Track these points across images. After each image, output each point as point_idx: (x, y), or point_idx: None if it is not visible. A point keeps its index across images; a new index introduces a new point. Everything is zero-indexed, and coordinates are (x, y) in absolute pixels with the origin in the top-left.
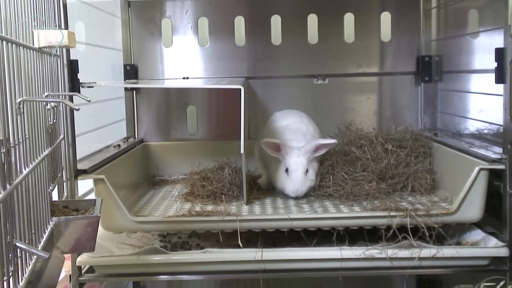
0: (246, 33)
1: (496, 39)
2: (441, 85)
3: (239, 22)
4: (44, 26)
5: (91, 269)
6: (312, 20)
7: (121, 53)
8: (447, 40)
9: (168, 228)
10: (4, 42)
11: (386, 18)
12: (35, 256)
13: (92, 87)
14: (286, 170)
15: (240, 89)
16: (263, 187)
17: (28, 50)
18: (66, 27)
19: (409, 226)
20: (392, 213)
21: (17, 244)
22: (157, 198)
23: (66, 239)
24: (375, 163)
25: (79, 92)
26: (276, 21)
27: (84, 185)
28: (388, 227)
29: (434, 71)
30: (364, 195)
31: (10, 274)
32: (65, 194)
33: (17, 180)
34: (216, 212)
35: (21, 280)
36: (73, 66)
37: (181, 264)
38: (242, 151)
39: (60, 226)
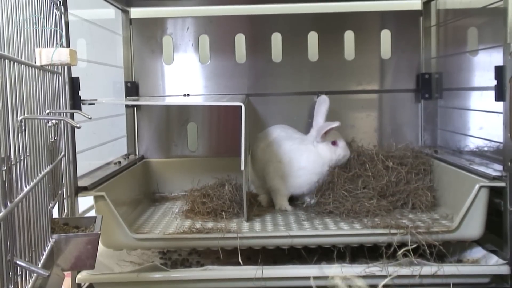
0: (246, 50)
1: (496, 57)
2: (441, 102)
3: (240, 40)
4: (46, 44)
5: (91, 287)
6: (313, 37)
7: (122, 70)
8: (447, 57)
9: (169, 246)
10: (6, 60)
11: (386, 35)
12: (35, 274)
13: (93, 104)
14: (334, 142)
15: (241, 106)
16: (264, 205)
17: (30, 68)
18: (68, 45)
19: (409, 244)
20: (393, 231)
21: (17, 262)
22: (157, 215)
23: (66, 256)
24: (375, 180)
25: (80, 109)
26: (276, 39)
27: (85, 202)
28: (389, 245)
29: (434, 88)
30: (365, 212)
31: None
32: (66, 211)
33: (17, 198)
34: (216, 229)
35: None
36: (74, 84)
37: (181, 282)
38: (242, 168)
39: (60, 244)
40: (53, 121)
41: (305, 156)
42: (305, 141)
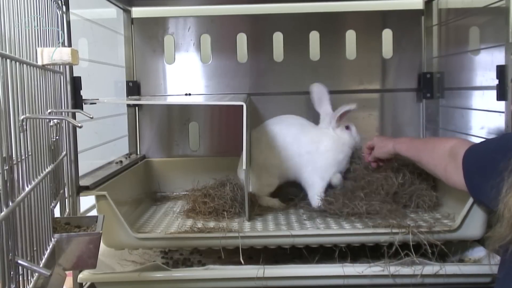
0: (248, 50)
1: (497, 56)
2: (442, 102)
3: (241, 39)
4: (48, 44)
5: (92, 286)
6: (314, 37)
7: (123, 69)
8: (449, 57)
9: (170, 245)
10: (8, 60)
11: (387, 35)
12: (36, 274)
13: (95, 103)
14: (347, 127)
15: (242, 105)
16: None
17: (32, 67)
18: (70, 44)
19: (411, 243)
20: (394, 230)
21: (19, 261)
22: (159, 214)
23: (68, 256)
24: (385, 181)
25: (82, 109)
26: (278, 38)
27: (86, 202)
28: (391, 244)
29: (436, 87)
30: (366, 213)
31: None
32: (67, 210)
33: (19, 198)
34: (218, 229)
35: None
36: (76, 83)
37: (183, 281)
38: (244, 167)
39: (62, 243)
40: (55, 120)
41: (327, 139)
42: (323, 129)
